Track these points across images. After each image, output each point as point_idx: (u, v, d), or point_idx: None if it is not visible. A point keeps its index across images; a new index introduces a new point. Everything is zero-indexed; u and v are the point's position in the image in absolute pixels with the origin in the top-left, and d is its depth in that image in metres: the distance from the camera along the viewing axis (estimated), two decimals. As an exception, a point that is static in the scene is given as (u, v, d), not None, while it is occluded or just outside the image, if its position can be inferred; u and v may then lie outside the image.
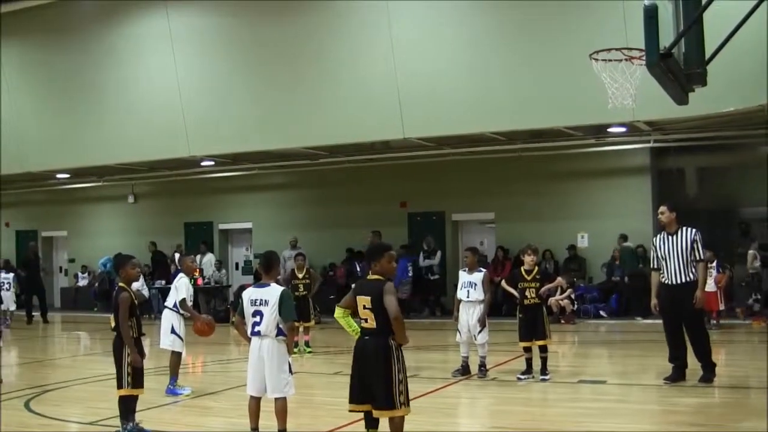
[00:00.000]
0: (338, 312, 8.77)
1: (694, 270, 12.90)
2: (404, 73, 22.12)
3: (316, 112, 23.56)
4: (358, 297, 8.49)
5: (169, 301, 13.48)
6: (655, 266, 13.32)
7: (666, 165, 25.66)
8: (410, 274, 26.29)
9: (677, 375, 13.01)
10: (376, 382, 8.26)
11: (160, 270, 30.24)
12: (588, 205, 25.56)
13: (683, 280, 12.88)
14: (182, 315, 13.34)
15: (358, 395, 8.44)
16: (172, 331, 13.25)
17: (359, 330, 8.55)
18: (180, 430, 10.54)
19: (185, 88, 25.22)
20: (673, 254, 12.96)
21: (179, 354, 13.34)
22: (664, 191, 25.25)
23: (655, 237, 13.49)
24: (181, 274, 13.66)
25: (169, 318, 13.34)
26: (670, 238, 13.10)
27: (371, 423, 8.50)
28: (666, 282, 13.05)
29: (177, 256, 25.83)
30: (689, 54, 11.62)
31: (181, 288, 13.38)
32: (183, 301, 13.27)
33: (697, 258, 12.91)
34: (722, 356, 17.36)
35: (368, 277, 8.65)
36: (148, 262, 30.51)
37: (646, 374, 14.97)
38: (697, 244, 12.92)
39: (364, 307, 8.39)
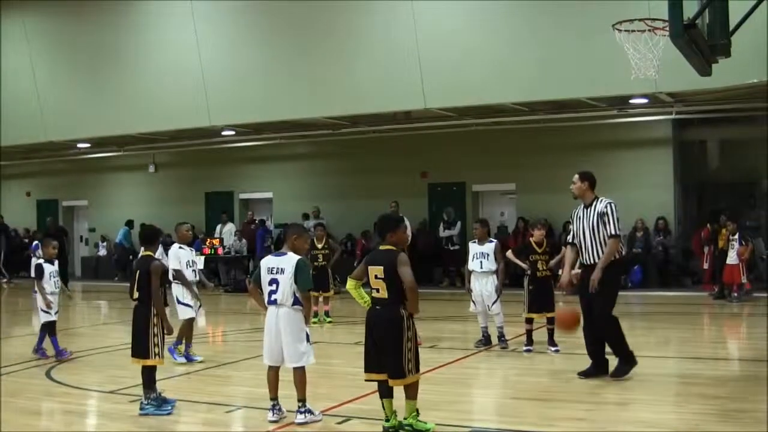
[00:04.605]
0: (350, 283, 8.85)
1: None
2: (426, 43, 22.03)
3: (337, 82, 23.52)
4: (369, 267, 8.55)
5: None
6: (569, 240, 11.87)
7: (688, 137, 25.56)
8: (267, 244, 28.14)
9: (595, 369, 11.41)
10: (387, 352, 8.37)
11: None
12: (609, 177, 25.34)
13: (592, 261, 11.32)
14: (186, 282, 13.46)
15: (373, 365, 8.54)
16: (179, 301, 13.41)
17: (370, 301, 8.64)
18: (200, 400, 10.56)
19: (206, 57, 25.19)
20: (586, 230, 11.37)
21: (188, 320, 13.46)
22: (685, 163, 25.19)
23: (575, 209, 11.77)
24: (175, 244, 13.78)
25: (173, 290, 13.39)
26: (585, 211, 11.49)
27: (386, 393, 8.59)
28: (582, 262, 11.57)
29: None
30: (713, 25, 11.55)
31: (171, 258, 13.54)
32: (177, 271, 13.39)
33: (610, 233, 11.15)
34: (744, 329, 17.37)
35: (380, 248, 8.70)
36: (171, 232, 30.62)
37: (666, 346, 14.96)
38: (608, 216, 11.16)
39: (376, 277, 8.46)
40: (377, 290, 8.49)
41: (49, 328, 13.96)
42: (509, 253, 14.30)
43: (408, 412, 8.55)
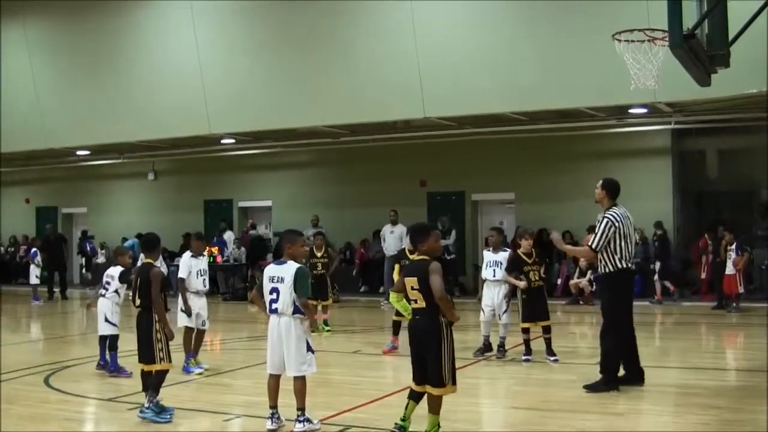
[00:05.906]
0: (393, 297, 9.03)
1: (607, 259, 11.12)
2: (426, 52, 22.02)
3: (337, 90, 23.50)
4: (406, 279, 8.63)
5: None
6: None
7: (687, 147, 25.55)
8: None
9: (627, 377, 11.38)
10: (427, 360, 8.45)
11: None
12: (609, 186, 25.40)
13: (600, 270, 11.46)
14: (184, 294, 13.32)
15: (419, 376, 8.60)
16: (181, 309, 13.30)
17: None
18: (198, 408, 10.55)
19: (206, 65, 25.17)
20: None
21: (189, 330, 13.28)
22: (684, 173, 25.17)
23: None
24: (187, 252, 13.77)
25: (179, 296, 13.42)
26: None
27: (415, 396, 8.68)
28: None
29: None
30: (712, 35, 11.59)
31: (181, 266, 13.50)
32: (181, 279, 13.35)
33: (590, 243, 11.23)
34: (741, 339, 17.36)
35: (414, 258, 8.79)
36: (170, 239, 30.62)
37: (666, 356, 14.95)
38: (596, 229, 11.16)
39: (413, 288, 8.51)
40: (415, 301, 8.55)
41: (111, 341, 13.01)
42: (504, 275, 14.09)
43: (430, 425, 8.59)
